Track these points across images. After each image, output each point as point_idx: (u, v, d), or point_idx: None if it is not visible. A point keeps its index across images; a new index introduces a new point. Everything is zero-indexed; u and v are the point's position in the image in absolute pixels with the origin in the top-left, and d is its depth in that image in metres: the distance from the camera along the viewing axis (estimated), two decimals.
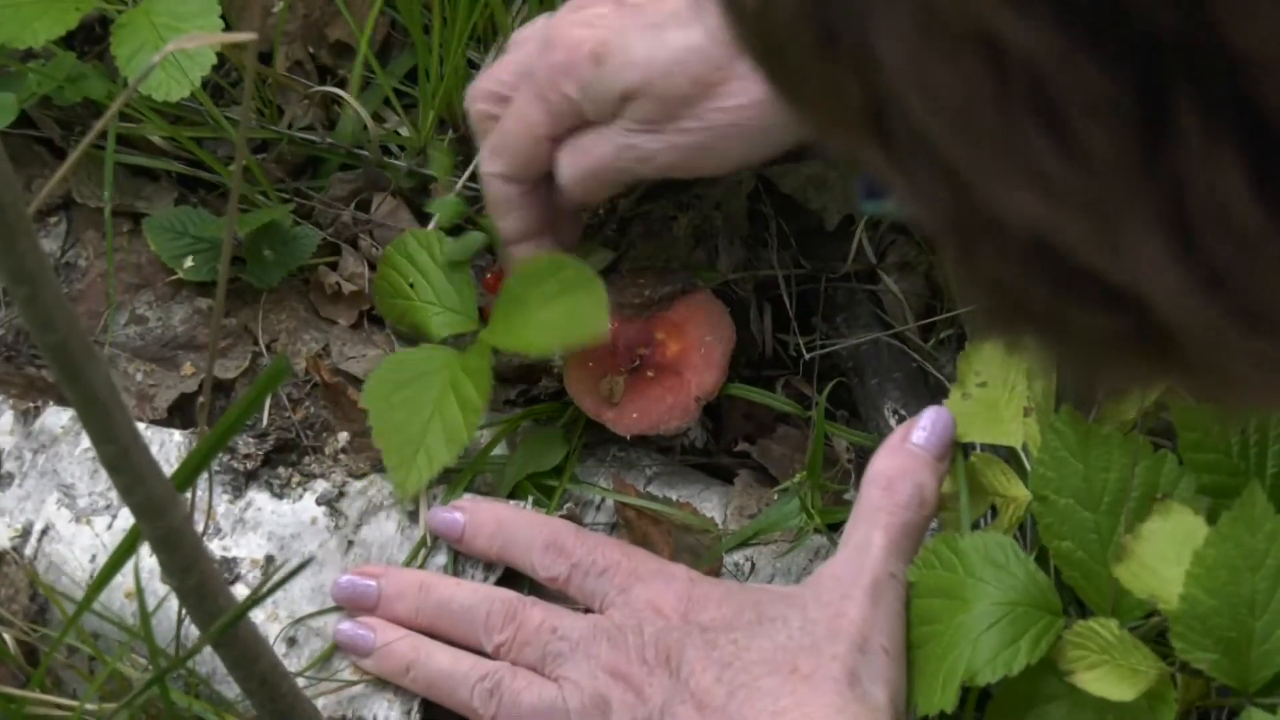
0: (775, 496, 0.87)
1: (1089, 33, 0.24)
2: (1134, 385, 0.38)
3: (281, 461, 0.86)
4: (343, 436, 0.88)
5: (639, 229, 0.91)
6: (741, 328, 0.90)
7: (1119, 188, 0.25)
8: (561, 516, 0.85)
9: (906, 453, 0.80)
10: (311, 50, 0.96)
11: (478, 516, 0.82)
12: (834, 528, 0.88)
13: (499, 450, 0.89)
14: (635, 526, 0.87)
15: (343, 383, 0.88)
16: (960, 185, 0.27)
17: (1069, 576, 0.76)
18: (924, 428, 0.80)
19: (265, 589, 0.75)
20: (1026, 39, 0.24)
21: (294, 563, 0.82)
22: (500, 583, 0.83)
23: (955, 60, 0.25)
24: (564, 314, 0.82)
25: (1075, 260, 0.27)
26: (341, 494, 0.85)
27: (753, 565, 0.87)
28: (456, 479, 0.87)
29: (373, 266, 0.91)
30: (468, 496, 0.86)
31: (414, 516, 0.86)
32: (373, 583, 0.81)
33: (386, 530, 0.85)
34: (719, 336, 0.88)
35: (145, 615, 0.69)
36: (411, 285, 0.87)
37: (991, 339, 0.76)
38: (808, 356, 0.91)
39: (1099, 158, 0.25)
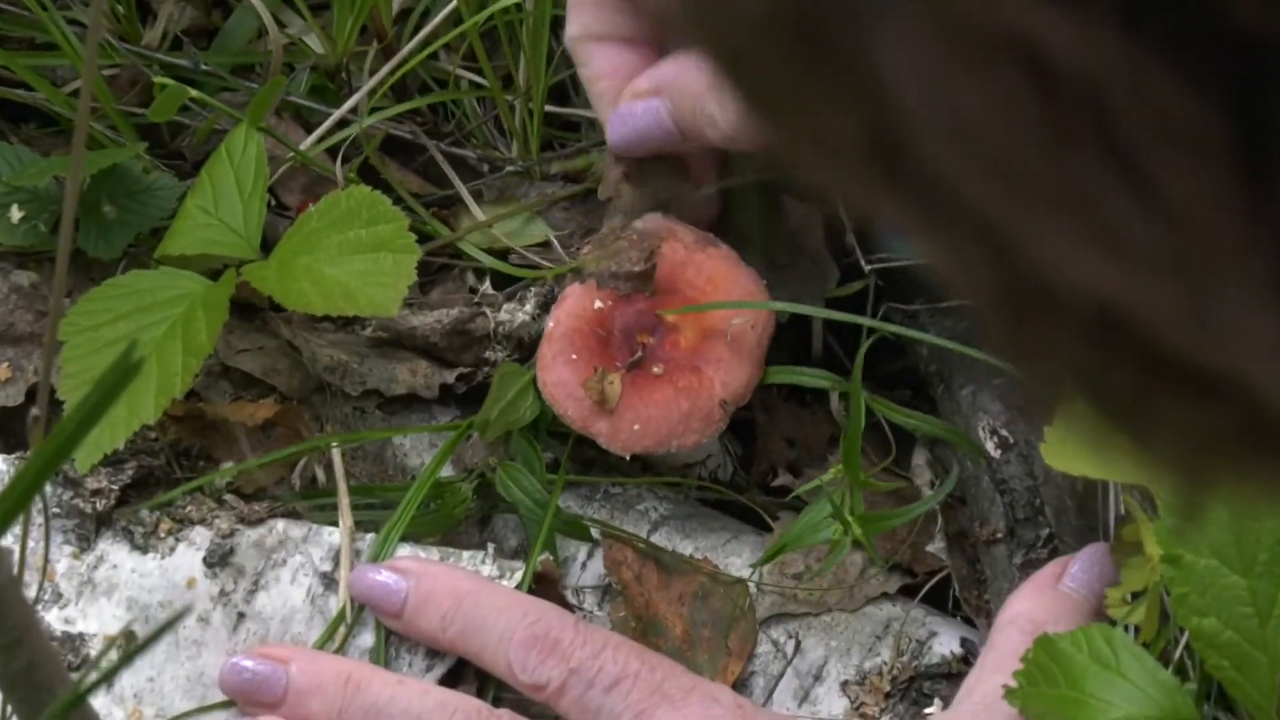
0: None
1: (1166, 37, 0.23)
2: (1252, 492, 0.38)
3: (145, 500, 0.84)
4: (229, 466, 0.87)
5: None
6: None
7: (1211, 243, 0.25)
8: (537, 573, 0.82)
9: (1059, 596, 0.80)
10: None
11: (429, 584, 0.79)
12: (910, 580, 0.84)
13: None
14: (634, 592, 0.83)
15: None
16: (999, 244, 0.26)
17: (1214, 666, 0.73)
18: (1082, 567, 0.80)
19: (115, 665, 0.73)
20: (1080, 47, 0.23)
21: (164, 641, 0.81)
22: (445, 680, 0.81)
23: (986, 77, 0.24)
24: (357, 274, 0.82)
25: (1158, 339, 0.26)
26: (229, 547, 0.83)
27: (797, 644, 0.84)
28: (390, 524, 0.83)
29: None
30: (407, 550, 0.83)
31: (330, 579, 0.83)
32: (279, 669, 0.78)
33: (291, 598, 0.83)
34: (753, 317, 0.85)
35: None
36: (216, 199, 0.86)
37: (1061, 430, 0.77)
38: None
39: (1183, 204, 0.24)
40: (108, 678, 0.77)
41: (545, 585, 0.83)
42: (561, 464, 0.86)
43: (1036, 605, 0.79)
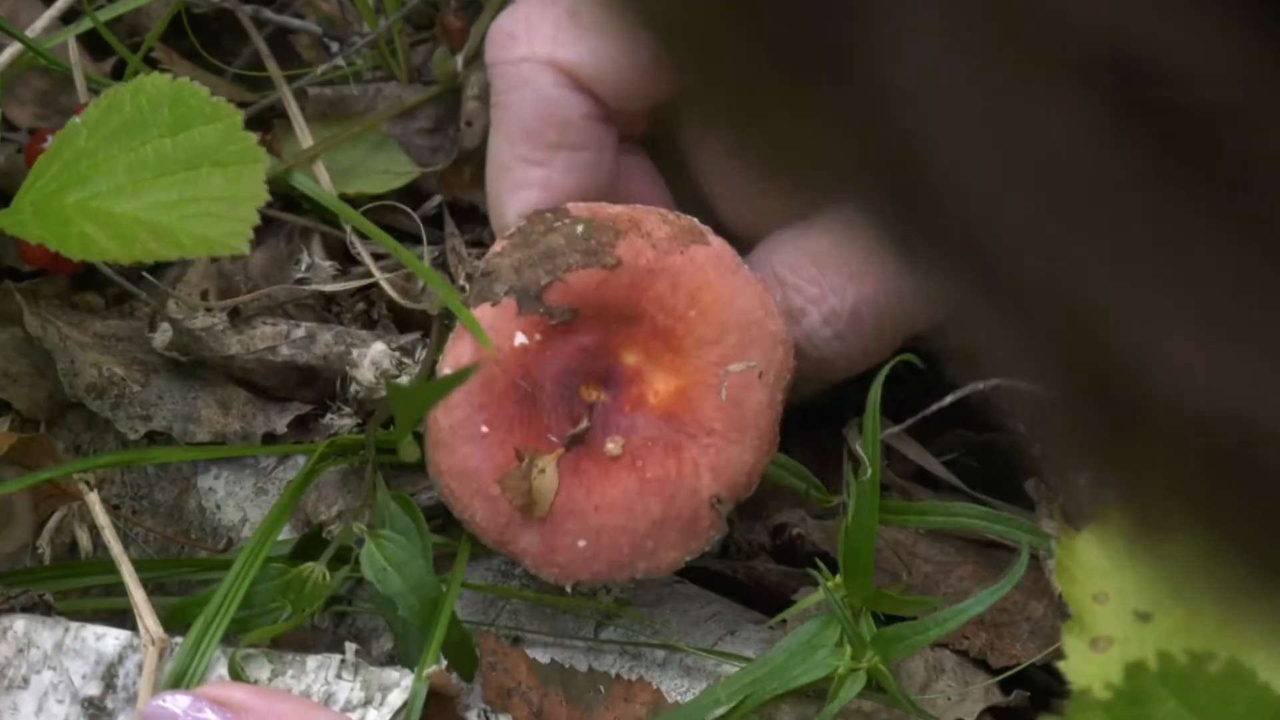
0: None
1: None
2: None
3: None
4: None
5: None
6: None
7: None
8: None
9: None
10: None
11: None
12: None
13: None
14: None
15: None
16: (1071, 325, 0.25)
17: None
18: None
19: None
20: (1194, 53, 0.21)
21: None
22: None
23: (1049, 92, 0.23)
24: (169, 206, 0.68)
25: None
26: None
27: None
28: (205, 621, 0.70)
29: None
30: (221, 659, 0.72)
31: (99, 708, 0.73)
32: None
33: None
34: (762, 356, 0.69)
35: None
36: None
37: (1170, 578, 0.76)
38: None
39: None
40: None
41: (437, 704, 0.71)
42: (459, 552, 0.70)
43: None
